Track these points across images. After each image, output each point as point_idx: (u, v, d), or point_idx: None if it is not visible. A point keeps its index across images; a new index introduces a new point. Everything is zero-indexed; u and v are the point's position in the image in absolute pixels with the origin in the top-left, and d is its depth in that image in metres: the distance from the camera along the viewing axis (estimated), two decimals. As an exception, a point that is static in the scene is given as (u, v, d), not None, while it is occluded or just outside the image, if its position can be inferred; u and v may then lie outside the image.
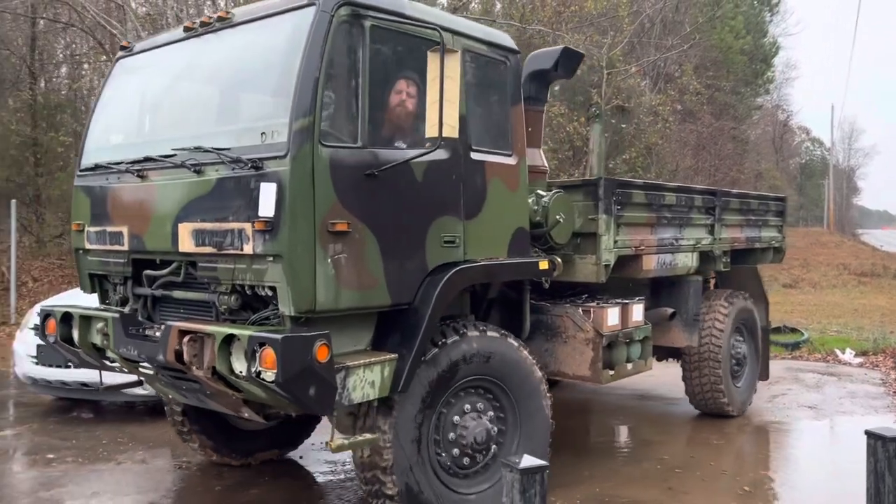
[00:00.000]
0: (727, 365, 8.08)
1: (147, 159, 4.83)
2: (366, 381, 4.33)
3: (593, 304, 6.32)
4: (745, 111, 26.02)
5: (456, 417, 4.96)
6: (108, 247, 5.16)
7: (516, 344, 5.22)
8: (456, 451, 4.94)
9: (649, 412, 8.82)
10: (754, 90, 27.32)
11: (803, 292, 23.87)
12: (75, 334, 5.22)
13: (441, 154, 4.82)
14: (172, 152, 4.65)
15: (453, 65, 4.39)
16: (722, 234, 7.99)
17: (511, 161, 5.42)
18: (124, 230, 5.02)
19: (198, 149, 4.49)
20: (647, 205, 6.72)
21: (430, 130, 4.38)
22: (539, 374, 5.36)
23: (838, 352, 12.71)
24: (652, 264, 6.81)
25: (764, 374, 9.20)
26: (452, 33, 4.96)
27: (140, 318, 5.00)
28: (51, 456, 6.68)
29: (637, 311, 6.62)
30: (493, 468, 5.14)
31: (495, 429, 5.12)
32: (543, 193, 5.76)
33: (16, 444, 7.15)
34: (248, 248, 4.21)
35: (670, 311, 7.58)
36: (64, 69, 20.19)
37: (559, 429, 4.88)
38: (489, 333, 5.05)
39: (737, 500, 5.93)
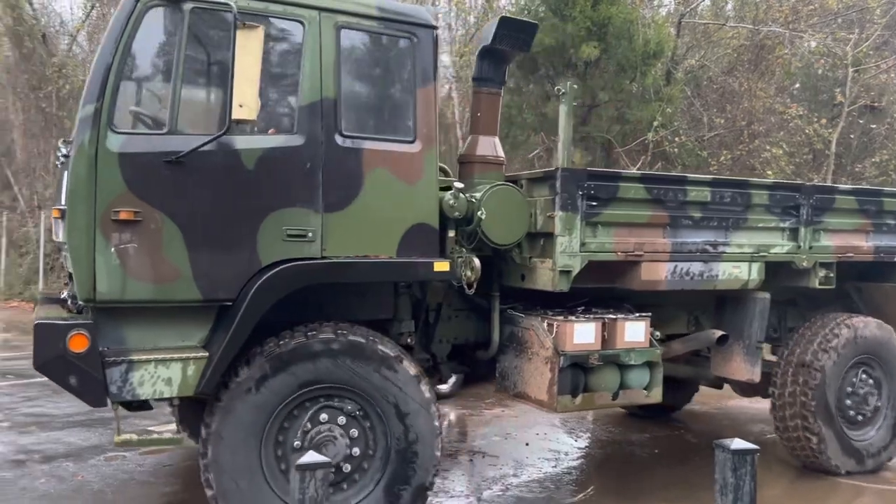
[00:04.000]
0: (829, 411, 6.28)
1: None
2: (158, 377, 4.13)
3: (560, 317, 5.35)
4: None
5: (308, 427, 4.50)
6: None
7: (386, 350, 4.59)
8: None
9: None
10: None
11: None
12: None
13: (292, 140, 4.47)
14: None
15: (250, 42, 4.04)
16: (819, 241, 6.26)
17: (411, 149, 4.81)
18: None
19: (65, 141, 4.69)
20: (653, 201, 5.50)
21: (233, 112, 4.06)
22: (427, 390, 4.67)
23: None
24: (660, 274, 5.54)
25: (920, 426, 6.98)
26: (320, 10, 4.57)
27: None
28: None
29: (633, 330, 5.48)
30: (357, 486, 4.59)
31: (354, 445, 4.56)
32: (460, 185, 5.01)
33: None
34: (59, 237, 4.29)
35: (718, 333, 6.13)
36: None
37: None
38: (342, 338, 4.51)
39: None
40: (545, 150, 17.30)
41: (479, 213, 4.99)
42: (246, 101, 4.02)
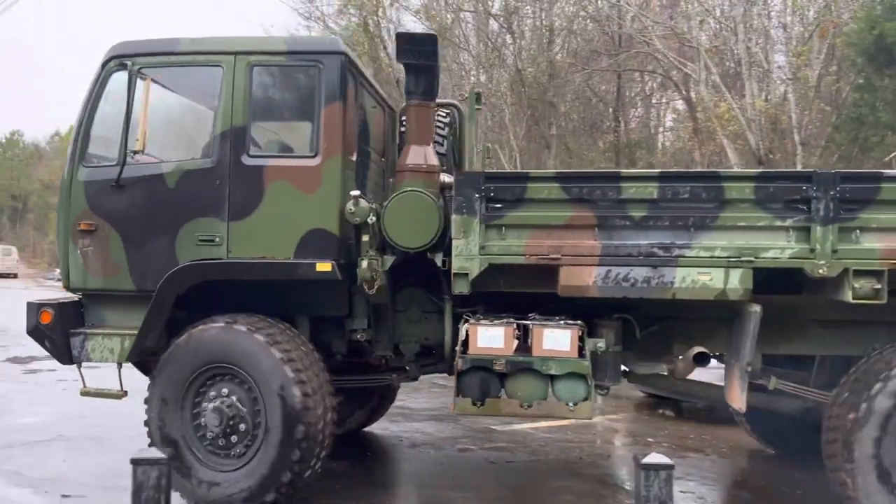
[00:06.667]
0: (871, 467, 4.89)
1: None
2: (105, 347, 5.54)
3: (472, 319, 5.34)
4: None
5: (211, 395, 5.39)
6: None
7: (259, 338, 5.24)
8: (204, 428, 5.39)
9: None
10: None
11: None
12: None
13: (206, 163, 5.52)
14: None
15: (142, 90, 5.23)
16: (856, 242, 4.95)
17: (311, 162, 5.44)
18: None
19: None
20: (574, 200, 5.09)
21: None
22: (287, 374, 5.17)
23: None
24: (586, 279, 5.07)
25: None
26: (236, 54, 5.53)
27: None
28: (650, 440, 7.95)
29: (554, 338, 5.20)
30: (243, 454, 5.30)
31: (234, 417, 5.29)
32: (355, 193, 5.36)
33: (619, 427, 8.77)
34: None
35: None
36: (640, 109, 22.24)
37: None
38: (225, 326, 5.32)
39: None
40: (902, 152, 14.78)
41: (369, 218, 5.33)
42: (139, 136, 5.22)
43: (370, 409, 7.70)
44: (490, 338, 5.22)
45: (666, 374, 5.91)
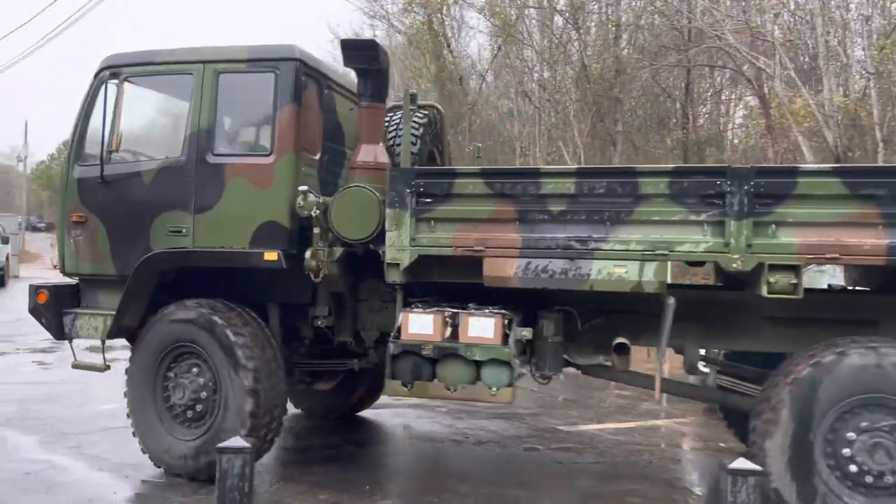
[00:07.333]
0: (803, 467, 4.90)
1: None
2: (90, 325, 6.23)
3: (409, 307, 5.68)
4: None
5: (182, 370, 5.97)
6: None
7: (216, 320, 5.78)
8: (173, 401, 5.98)
9: None
10: None
11: None
12: None
13: (177, 161, 6.10)
14: None
15: (119, 97, 5.87)
16: (773, 237, 4.97)
17: (265, 161, 5.93)
18: None
19: None
20: (496, 195, 5.33)
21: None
22: (237, 349, 5.68)
23: None
24: (507, 270, 5.31)
25: None
26: (204, 63, 6.09)
27: None
28: (721, 444, 7.75)
29: (479, 326, 5.47)
30: (202, 426, 5.85)
31: (195, 389, 5.85)
32: (303, 188, 5.73)
33: (687, 431, 8.50)
34: None
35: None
36: (709, 105, 21.64)
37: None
38: (185, 308, 5.90)
39: None
40: None
41: (312, 212, 5.72)
42: (115, 137, 5.88)
43: (361, 395, 8.14)
44: (421, 324, 5.53)
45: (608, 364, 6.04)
